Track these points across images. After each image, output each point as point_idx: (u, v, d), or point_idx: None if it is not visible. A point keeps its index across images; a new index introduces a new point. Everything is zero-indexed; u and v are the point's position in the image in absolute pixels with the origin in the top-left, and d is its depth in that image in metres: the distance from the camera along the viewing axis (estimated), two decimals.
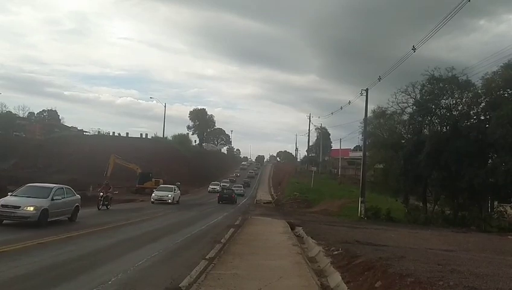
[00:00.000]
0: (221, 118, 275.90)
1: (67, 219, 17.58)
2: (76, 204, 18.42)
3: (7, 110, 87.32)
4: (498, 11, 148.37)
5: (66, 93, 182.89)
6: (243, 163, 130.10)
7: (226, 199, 42.96)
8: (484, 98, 30.94)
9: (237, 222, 22.58)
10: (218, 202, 41.77)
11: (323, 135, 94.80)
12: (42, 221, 15.35)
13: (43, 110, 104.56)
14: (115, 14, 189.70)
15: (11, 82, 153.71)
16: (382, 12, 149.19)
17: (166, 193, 35.22)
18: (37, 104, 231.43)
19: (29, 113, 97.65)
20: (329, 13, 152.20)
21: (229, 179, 73.83)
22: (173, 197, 34.72)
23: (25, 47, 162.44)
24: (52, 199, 16.37)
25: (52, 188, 17.00)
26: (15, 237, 12.45)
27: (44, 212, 15.56)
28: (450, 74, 32.01)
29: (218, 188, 57.31)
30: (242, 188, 62.69)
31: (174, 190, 36.70)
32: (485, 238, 20.95)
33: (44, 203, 15.76)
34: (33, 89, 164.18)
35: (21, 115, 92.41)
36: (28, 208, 15.20)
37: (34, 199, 15.79)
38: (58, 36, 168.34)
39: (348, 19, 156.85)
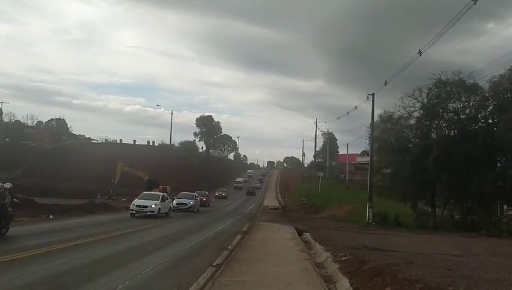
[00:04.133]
0: (228, 124, 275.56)
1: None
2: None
3: (16, 119, 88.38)
4: (507, 14, 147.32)
5: (75, 102, 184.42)
6: (237, 180, 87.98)
7: (251, 193, 69.27)
8: (492, 102, 30.66)
9: (244, 228, 22.54)
10: (247, 195, 68.41)
11: (330, 140, 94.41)
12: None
13: (51, 118, 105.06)
14: (123, 22, 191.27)
15: (21, 92, 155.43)
16: (389, 17, 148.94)
17: None
18: (46, 114, 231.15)
19: (37, 122, 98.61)
20: (336, 18, 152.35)
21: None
22: None
23: (33, 57, 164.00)
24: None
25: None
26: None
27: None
28: (457, 78, 31.73)
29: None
30: (259, 183, 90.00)
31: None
32: (495, 242, 20.71)
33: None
34: (43, 99, 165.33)
35: (29, 124, 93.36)
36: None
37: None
38: (67, 45, 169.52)
39: (355, 24, 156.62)
